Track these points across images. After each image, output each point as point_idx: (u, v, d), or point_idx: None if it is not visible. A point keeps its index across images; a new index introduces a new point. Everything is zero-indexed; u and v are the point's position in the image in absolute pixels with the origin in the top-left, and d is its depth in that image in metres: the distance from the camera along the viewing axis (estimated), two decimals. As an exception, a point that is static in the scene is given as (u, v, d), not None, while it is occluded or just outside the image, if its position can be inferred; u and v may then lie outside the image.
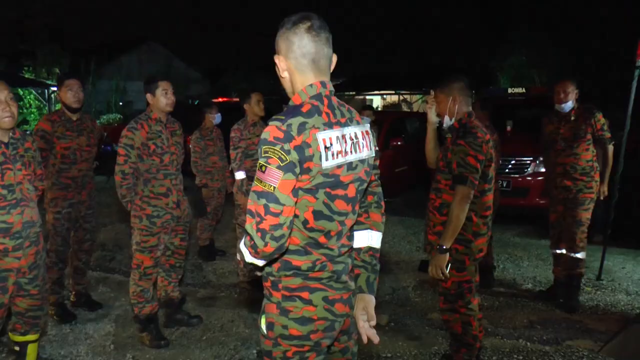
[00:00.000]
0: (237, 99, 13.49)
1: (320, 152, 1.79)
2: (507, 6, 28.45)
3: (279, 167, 1.74)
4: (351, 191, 1.93)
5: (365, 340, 2.09)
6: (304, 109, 1.83)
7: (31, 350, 3.34)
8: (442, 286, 3.46)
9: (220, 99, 14.39)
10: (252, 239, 1.77)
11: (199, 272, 5.90)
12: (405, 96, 26.47)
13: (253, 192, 1.78)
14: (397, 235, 7.45)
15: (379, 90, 25.24)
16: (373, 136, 2.07)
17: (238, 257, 1.93)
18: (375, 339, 2.07)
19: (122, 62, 30.16)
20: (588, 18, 21.50)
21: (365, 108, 7.96)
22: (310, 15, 1.89)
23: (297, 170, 1.76)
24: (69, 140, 4.43)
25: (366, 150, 1.98)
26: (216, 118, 6.42)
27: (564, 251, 4.90)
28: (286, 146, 1.75)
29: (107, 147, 13.83)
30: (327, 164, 1.81)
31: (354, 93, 25.11)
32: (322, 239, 1.90)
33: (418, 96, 25.50)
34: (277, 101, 10.97)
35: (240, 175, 5.17)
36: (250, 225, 1.77)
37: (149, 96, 4.01)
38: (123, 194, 3.95)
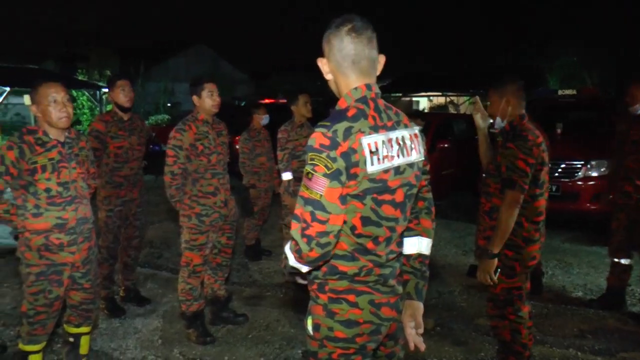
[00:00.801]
0: (283, 100, 13.57)
1: (366, 157, 1.78)
2: (557, 6, 27.84)
3: (325, 175, 1.74)
4: (399, 196, 1.91)
5: (412, 347, 2.08)
6: (350, 114, 1.83)
7: (84, 341, 3.45)
8: (491, 292, 3.39)
9: (266, 100, 14.50)
10: (297, 243, 1.77)
11: (245, 272, 5.95)
12: (453, 98, 26.16)
13: (300, 197, 1.79)
14: (444, 238, 7.36)
15: (426, 91, 24.98)
16: (422, 140, 2.04)
17: (284, 259, 1.94)
18: (422, 346, 2.06)
19: (170, 64, 30.79)
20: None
21: (414, 115, 7.88)
22: (352, 17, 1.89)
23: (344, 177, 1.75)
24: (121, 139, 4.55)
25: (415, 154, 1.96)
26: (264, 119, 6.46)
27: (622, 261, 4.75)
28: (332, 154, 1.75)
29: (156, 147, 14.07)
30: (373, 168, 1.80)
31: (400, 94, 24.91)
32: (370, 245, 1.89)
33: (465, 98, 25.18)
34: (323, 102, 11.02)
35: (287, 176, 5.20)
36: (295, 230, 1.78)
37: (195, 98, 4.07)
38: (172, 193, 4.03)
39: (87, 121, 20.01)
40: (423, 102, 27.59)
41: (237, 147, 6.46)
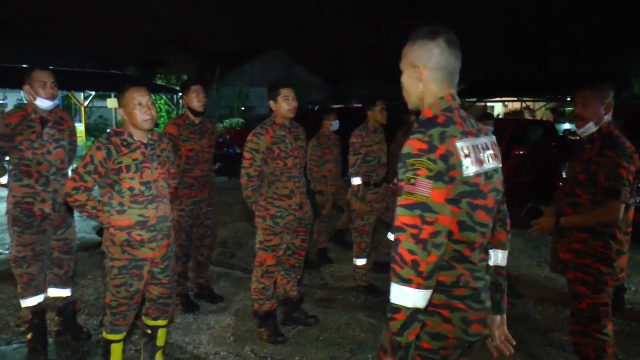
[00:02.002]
0: (357, 105, 13.55)
1: (461, 160, 1.79)
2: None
3: (428, 177, 1.74)
4: (490, 201, 1.92)
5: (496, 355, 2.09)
6: (440, 120, 1.84)
7: (161, 334, 3.58)
8: (575, 307, 3.23)
9: (340, 106, 14.55)
10: (413, 252, 1.70)
11: (316, 274, 5.99)
12: (529, 103, 25.44)
13: (403, 207, 1.75)
14: (517, 248, 7.14)
15: (501, 97, 24.43)
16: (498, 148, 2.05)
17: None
18: (508, 352, 2.06)
19: (246, 69, 31.44)
20: None
21: (485, 117, 7.73)
22: (445, 29, 1.92)
23: (446, 179, 1.76)
24: (193, 142, 4.69)
25: (497, 161, 1.98)
26: (333, 125, 6.50)
27: None
28: (432, 156, 1.75)
29: (229, 149, 14.39)
30: (468, 171, 1.80)
31: (474, 100, 24.47)
32: (466, 252, 1.88)
33: (542, 103, 24.42)
34: (396, 108, 10.93)
35: (357, 181, 5.19)
36: (406, 240, 1.72)
37: (272, 103, 4.13)
38: (248, 195, 4.10)
39: (164, 124, 20.70)
40: (498, 108, 26.97)
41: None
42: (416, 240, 1.70)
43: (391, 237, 2.87)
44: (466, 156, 1.80)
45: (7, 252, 6.46)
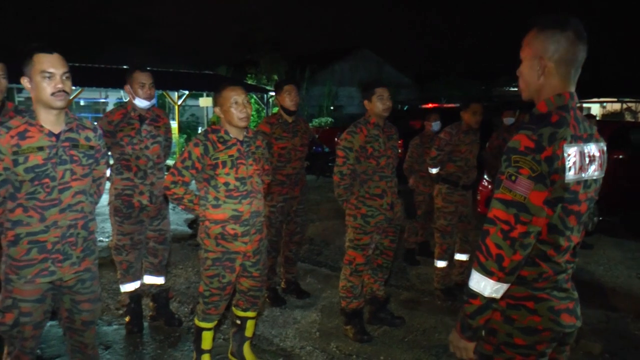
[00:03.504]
0: (448, 105, 13.33)
1: (566, 165, 1.73)
2: None
3: (530, 178, 1.71)
4: (583, 208, 1.87)
5: None
6: (553, 119, 1.78)
7: (249, 325, 3.67)
8: None
9: (430, 105, 14.36)
10: (499, 247, 1.73)
11: (403, 275, 5.95)
12: (630, 104, 24.05)
13: (500, 200, 1.76)
14: (613, 258, 6.79)
15: (598, 97, 23.22)
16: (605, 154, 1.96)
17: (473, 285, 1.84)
18: None
19: (335, 68, 31.64)
20: None
21: (586, 117, 7.38)
22: (576, 20, 1.81)
23: (547, 182, 1.72)
24: (285, 140, 4.77)
25: (599, 170, 1.90)
26: (433, 126, 6.46)
27: None
28: (537, 157, 1.71)
29: (318, 148, 14.53)
30: (570, 178, 1.75)
31: (578, 102, 23.40)
32: (551, 252, 1.83)
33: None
34: (487, 107, 10.63)
35: (434, 170, 5.21)
36: (495, 234, 1.75)
37: (365, 102, 4.15)
38: (339, 193, 4.13)
39: (254, 122, 21.19)
40: (595, 109, 25.66)
41: (400, 150, 6.48)
42: (504, 236, 1.72)
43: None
44: (571, 162, 1.75)
45: (107, 240, 6.85)
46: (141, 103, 4.00)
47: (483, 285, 1.77)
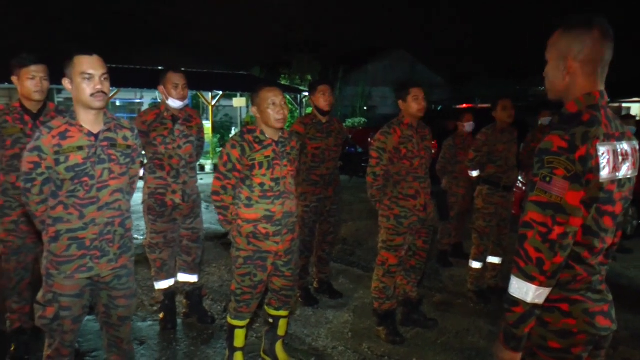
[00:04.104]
0: (482, 105, 13.19)
1: (600, 164, 1.71)
2: None
3: (565, 178, 1.69)
4: (618, 208, 1.83)
5: None
6: (585, 118, 1.75)
7: (282, 324, 3.69)
8: None
9: (464, 105, 14.21)
10: (538, 250, 1.71)
11: (435, 277, 5.90)
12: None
13: (535, 203, 1.74)
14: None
15: (639, 97, 22.62)
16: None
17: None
18: None
19: (369, 69, 31.58)
20: None
21: (625, 117, 7.21)
22: (601, 18, 1.79)
23: (582, 181, 1.69)
24: (319, 141, 4.77)
25: (632, 169, 1.87)
26: (466, 126, 6.41)
27: None
28: (571, 156, 1.68)
29: (351, 148, 14.52)
30: (605, 177, 1.72)
31: (608, 100, 22.83)
32: (585, 254, 1.80)
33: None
34: (521, 108, 10.47)
35: (475, 173, 5.20)
36: (533, 238, 1.72)
37: (400, 102, 4.13)
38: (373, 194, 4.12)
39: (288, 123, 21.26)
40: (635, 109, 24.98)
41: (433, 151, 6.44)
42: (543, 239, 1.70)
43: None
44: (605, 161, 1.72)
45: (141, 237, 6.95)
46: (174, 103, 4.06)
47: (525, 291, 1.74)
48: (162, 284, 4.31)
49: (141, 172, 4.26)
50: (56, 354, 2.78)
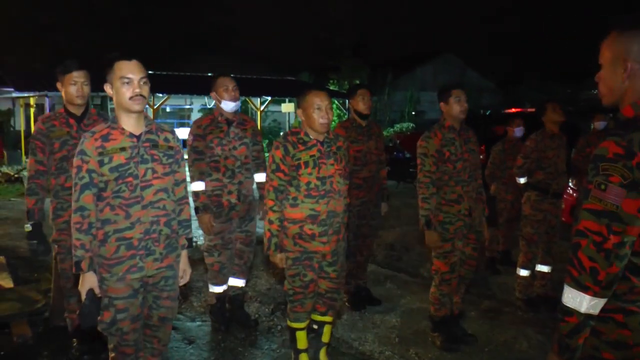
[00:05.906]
0: (532, 110, 12.95)
1: None
2: None
3: (621, 185, 1.62)
4: None
5: None
6: None
7: (327, 330, 3.67)
8: None
9: (513, 110, 13.95)
10: (593, 260, 1.65)
11: (484, 284, 5.82)
12: None
13: (589, 211, 1.68)
14: None
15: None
16: None
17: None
18: None
19: (417, 73, 31.42)
20: None
21: None
22: None
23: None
24: (360, 144, 4.80)
25: None
26: (516, 131, 6.32)
27: None
28: (628, 163, 1.62)
29: (399, 154, 14.44)
30: None
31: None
32: None
33: None
34: (573, 112, 10.23)
35: (523, 180, 5.13)
36: (587, 247, 1.66)
37: (442, 104, 4.08)
38: (419, 204, 4.05)
39: (332, 128, 21.35)
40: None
41: (482, 157, 6.37)
42: (598, 249, 1.63)
43: None
44: None
45: (199, 243, 7.07)
46: (227, 106, 4.17)
47: (579, 301, 1.67)
48: (218, 289, 4.39)
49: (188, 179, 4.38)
50: (120, 355, 2.84)
